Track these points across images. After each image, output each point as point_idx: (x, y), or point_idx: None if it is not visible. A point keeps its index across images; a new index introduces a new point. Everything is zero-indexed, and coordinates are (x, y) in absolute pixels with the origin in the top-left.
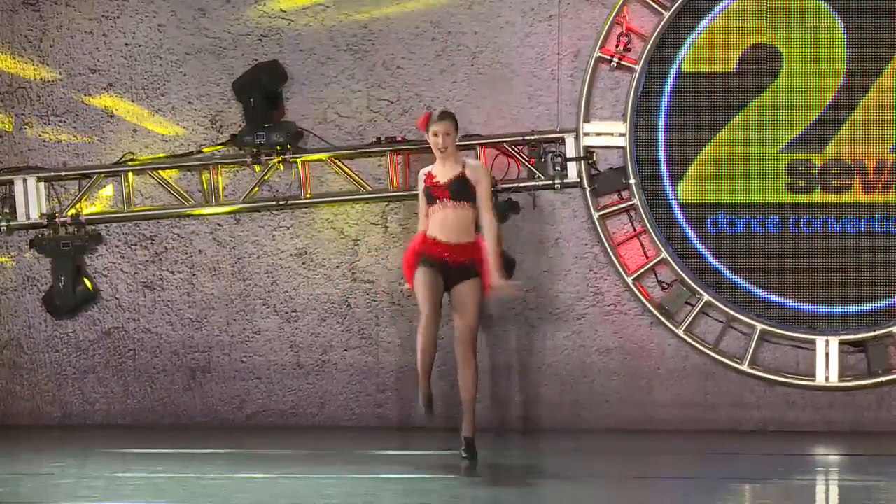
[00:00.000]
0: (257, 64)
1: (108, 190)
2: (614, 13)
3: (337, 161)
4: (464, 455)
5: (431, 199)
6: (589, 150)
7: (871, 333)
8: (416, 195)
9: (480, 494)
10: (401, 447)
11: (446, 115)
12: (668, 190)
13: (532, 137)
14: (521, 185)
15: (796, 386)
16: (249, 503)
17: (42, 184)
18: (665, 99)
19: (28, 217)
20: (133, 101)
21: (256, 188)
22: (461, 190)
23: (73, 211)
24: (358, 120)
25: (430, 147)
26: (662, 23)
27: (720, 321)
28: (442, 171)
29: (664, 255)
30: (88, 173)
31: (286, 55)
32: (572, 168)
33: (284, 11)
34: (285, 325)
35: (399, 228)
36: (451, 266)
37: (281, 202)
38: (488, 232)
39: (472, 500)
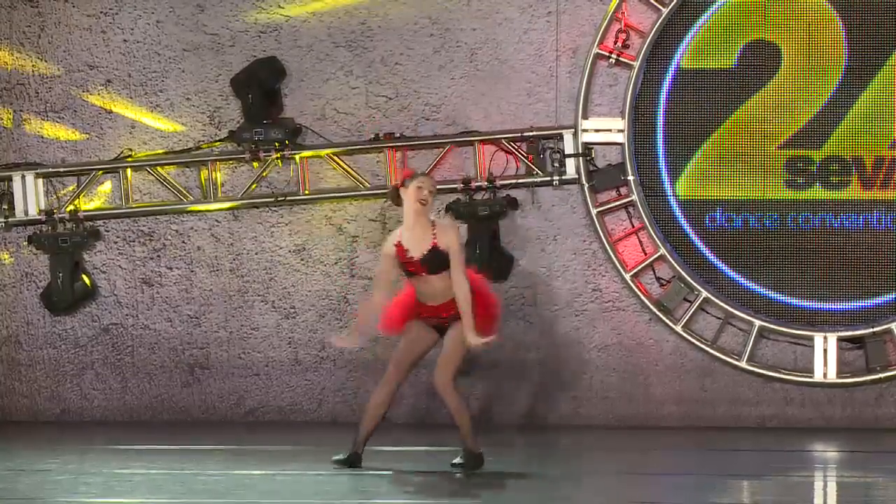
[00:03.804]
0: (255, 60)
1: (106, 186)
2: (613, 9)
3: (335, 157)
4: (457, 462)
5: (408, 274)
6: (587, 147)
7: (870, 330)
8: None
9: (478, 491)
10: (398, 443)
11: (426, 175)
12: (667, 186)
13: (530, 134)
14: (520, 181)
15: (794, 382)
16: (248, 499)
17: (40, 180)
18: (663, 95)
19: (26, 213)
20: (131, 97)
21: (255, 184)
22: (436, 262)
23: (71, 207)
24: (356, 116)
25: (427, 143)
26: (661, 19)
27: (718, 318)
28: (412, 241)
29: (662, 251)
30: (87, 170)
31: (284, 51)
32: (571, 164)
33: (282, 8)
34: (283, 322)
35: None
36: (447, 319)
37: (279, 198)
38: (459, 292)
39: (470, 496)
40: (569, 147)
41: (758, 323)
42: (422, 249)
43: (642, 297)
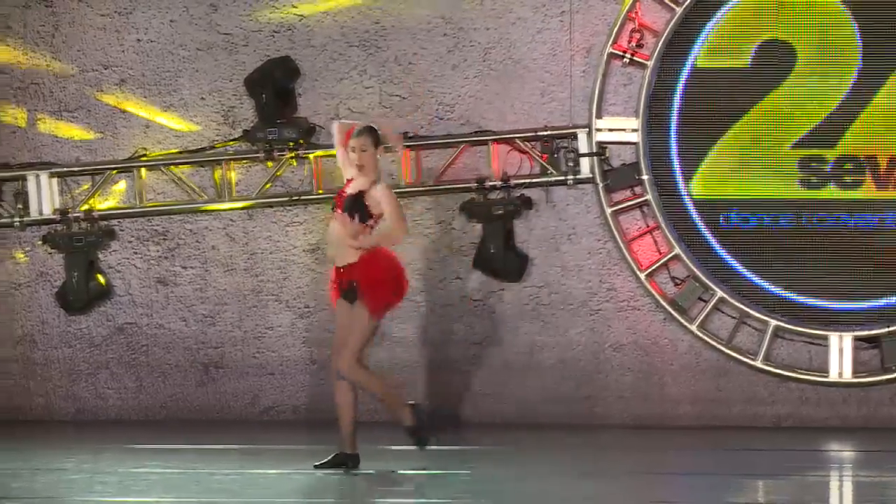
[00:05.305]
0: (269, 60)
1: (120, 185)
2: (626, 9)
3: None
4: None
5: (333, 207)
6: (601, 146)
7: (885, 329)
8: (427, 191)
9: (494, 490)
10: (414, 443)
11: (363, 131)
12: (681, 186)
13: (544, 133)
14: (534, 181)
15: (810, 382)
16: (263, 499)
17: (55, 179)
18: (677, 94)
19: (41, 213)
20: (145, 96)
21: (269, 184)
22: (351, 203)
23: (85, 207)
24: (370, 115)
25: (441, 142)
26: (675, 18)
27: (733, 317)
28: (353, 185)
29: (677, 251)
30: (101, 169)
31: (298, 51)
32: (585, 164)
33: (296, 7)
34: (298, 321)
35: (410, 224)
36: (342, 292)
37: (293, 198)
38: (385, 228)
39: (486, 495)
40: (583, 146)
41: (773, 322)
42: (354, 189)
43: (657, 296)
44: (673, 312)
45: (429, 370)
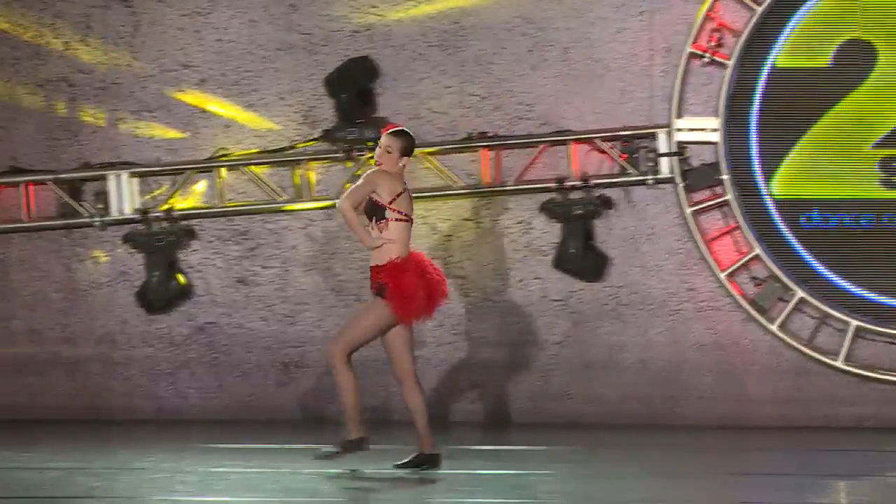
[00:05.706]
0: (349, 59)
1: (200, 185)
2: (705, 8)
3: (429, 157)
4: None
5: None
6: (681, 146)
7: None
8: (507, 191)
9: (574, 489)
10: (494, 442)
11: (395, 133)
12: (761, 186)
13: (624, 133)
14: (614, 180)
15: (891, 382)
16: (344, 498)
17: (135, 179)
18: (758, 94)
19: (121, 212)
20: (225, 96)
21: (348, 184)
22: (370, 208)
23: (166, 206)
24: (450, 115)
25: (520, 142)
26: (754, 18)
27: (814, 317)
28: None
29: (757, 251)
30: (181, 169)
31: (378, 51)
32: (665, 164)
33: (375, 7)
34: None
35: (491, 224)
36: (372, 285)
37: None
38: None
39: (567, 495)
40: (663, 146)
41: (854, 323)
42: None
43: (737, 296)
44: (753, 313)
45: (507, 370)
